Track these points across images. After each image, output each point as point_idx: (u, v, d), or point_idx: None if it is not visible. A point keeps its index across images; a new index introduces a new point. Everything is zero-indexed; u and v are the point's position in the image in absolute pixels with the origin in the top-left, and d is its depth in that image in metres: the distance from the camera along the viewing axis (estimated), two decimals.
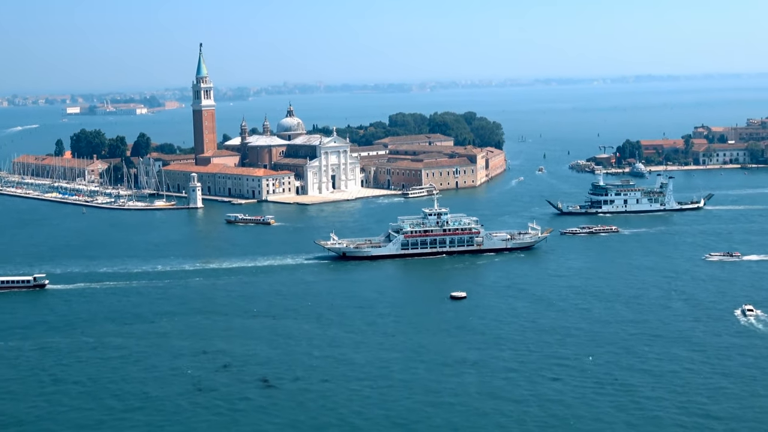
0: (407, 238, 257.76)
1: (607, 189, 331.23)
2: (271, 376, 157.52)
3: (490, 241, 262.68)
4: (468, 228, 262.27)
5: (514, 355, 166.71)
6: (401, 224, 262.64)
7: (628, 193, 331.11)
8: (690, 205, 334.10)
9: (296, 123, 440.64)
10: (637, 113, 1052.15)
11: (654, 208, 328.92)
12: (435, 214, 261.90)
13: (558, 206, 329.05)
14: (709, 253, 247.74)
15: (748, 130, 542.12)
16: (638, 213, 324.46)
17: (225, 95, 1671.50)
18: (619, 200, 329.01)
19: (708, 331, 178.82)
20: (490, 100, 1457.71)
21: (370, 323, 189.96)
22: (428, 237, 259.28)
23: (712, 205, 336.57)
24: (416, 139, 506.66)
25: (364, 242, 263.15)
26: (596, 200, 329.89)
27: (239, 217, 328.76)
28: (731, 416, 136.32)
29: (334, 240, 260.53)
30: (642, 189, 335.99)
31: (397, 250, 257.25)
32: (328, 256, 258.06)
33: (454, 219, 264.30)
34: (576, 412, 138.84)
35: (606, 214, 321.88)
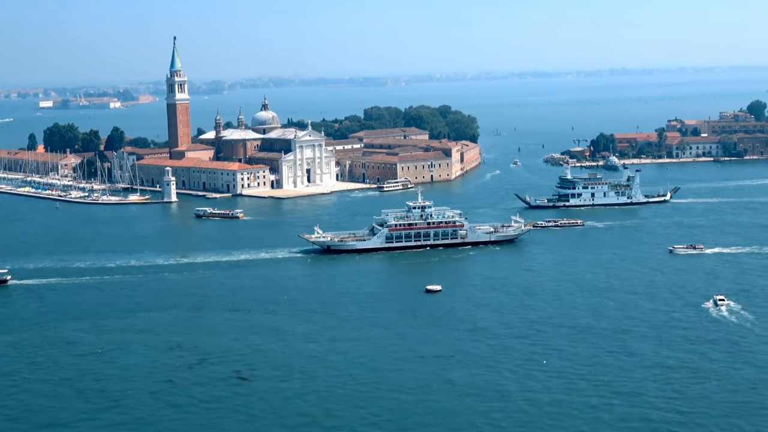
0: (391, 232, 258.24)
1: (574, 182, 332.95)
2: (246, 371, 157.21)
3: (473, 234, 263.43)
4: (452, 221, 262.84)
5: (486, 349, 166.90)
6: (385, 217, 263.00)
7: (595, 187, 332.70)
8: (656, 198, 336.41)
9: (271, 117, 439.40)
10: (611, 107, 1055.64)
11: (621, 201, 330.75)
12: (419, 207, 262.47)
13: (526, 200, 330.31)
14: (673, 246, 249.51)
15: (720, 124, 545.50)
16: (605, 206, 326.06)
17: (199, 89, 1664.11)
18: (587, 193, 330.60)
19: (682, 322, 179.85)
20: (465, 93, 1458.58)
21: (345, 317, 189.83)
22: (412, 230, 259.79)
23: (678, 198, 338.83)
24: (391, 132, 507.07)
25: (349, 236, 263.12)
26: (564, 194, 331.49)
27: (208, 212, 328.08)
28: (703, 412, 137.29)
29: (318, 233, 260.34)
30: (609, 182, 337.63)
31: (382, 243, 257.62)
32: (312, 250, 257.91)
33: (438, 212, 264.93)
34: (559, 398, 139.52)
35: (574, 207, 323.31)
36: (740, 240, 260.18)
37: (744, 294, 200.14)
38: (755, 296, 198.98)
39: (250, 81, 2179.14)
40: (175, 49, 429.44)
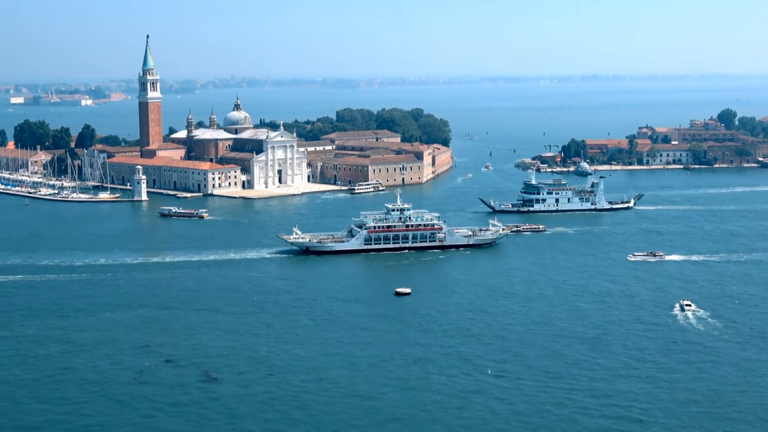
0: (370, 234, 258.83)
1: (539, 188, 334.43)
2: (214, 371, 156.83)
3: (452, 237, 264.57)
4: (430, 224, 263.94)
5: (450, 352, 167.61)
6: (364, 219, 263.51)
7: (559, 192, 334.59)
8: (620, 204, 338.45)
9: (243, 117, 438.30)
10: (583, 113, 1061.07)
11: (585, 208, 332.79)
12: (398, 209, 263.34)
13: (491, 204, 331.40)
14: (633, 253, 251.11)
15: (691, 131, 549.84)
16: (569, 212, 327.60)
17: (172, 88, 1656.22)
18: (551, 199, 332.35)
19: (650, 328, 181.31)
20: (438, 97, 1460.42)
21: (314, 319, 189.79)
22: (391, 232, 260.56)
23: (642, 205, 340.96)
24: (363, 134, 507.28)
25: (327, 237, 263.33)
26: (528, 199, 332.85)
27: (173, 211, 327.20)
28: (667, 415, 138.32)
29: (297, 234, 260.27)
30: (573, 188, 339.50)
31: (360, 245, 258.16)
32: (290, 251, 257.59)
33: (417, 215, 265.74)
34: (516, 408, 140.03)
35: (538, 212, 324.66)
36: (700, 248, 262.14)
37: (708, 300, 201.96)
38: (719, 302, 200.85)
39: (223, 81, 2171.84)
40: (148, 48, 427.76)
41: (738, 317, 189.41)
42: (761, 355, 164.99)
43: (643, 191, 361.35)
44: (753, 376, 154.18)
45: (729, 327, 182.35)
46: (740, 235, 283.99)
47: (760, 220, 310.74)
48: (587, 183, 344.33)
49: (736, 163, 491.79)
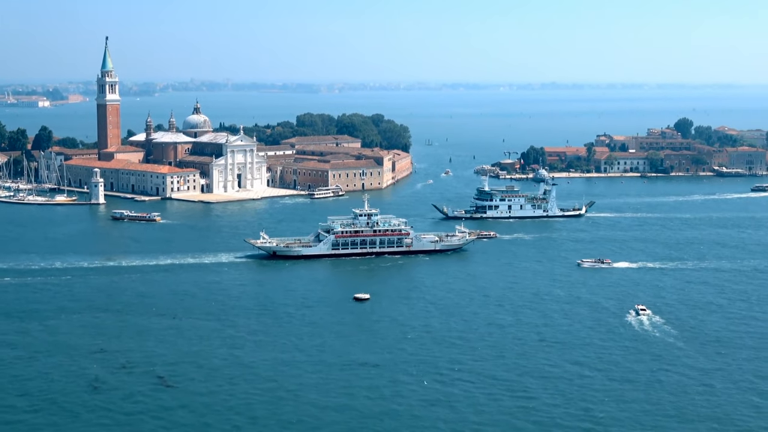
0: (338, 238, 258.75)
1: (491, 194, 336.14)
2: (170, 376, 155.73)
3: (419, 242, 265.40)
4: (398, 229, 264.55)
5: (407, 357, 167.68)
6: (331, 224, 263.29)
7: (512, 199, 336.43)
8: (572, 211, 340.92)
9: (203, 120, 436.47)
10: (542, 120, 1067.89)
11: (537, 214, 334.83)
12: (365, 214, 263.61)
13: (444, 211, 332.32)
14: (582, 260, 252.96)
15: (648, 140, 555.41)
16: (522, 218, 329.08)
17: (130, 90, 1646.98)
18: (504, 206, 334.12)
19: (609, 331, 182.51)
20: (398, 102, 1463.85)
21: (272, 324, 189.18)
22: (358, 237, 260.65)
23: (593, 212, 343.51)
24: (323, 139, 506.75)
25: (294, 242, 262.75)
26: (481, 205, 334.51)
27: (125, 214, 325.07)
28: (631, 419, 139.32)
29: (264, 239, 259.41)
30: (526, 195, 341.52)
31: (328, 249, 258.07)
32: (257, 255, 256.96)
33: (384, 220, 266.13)
34: (467, 417, 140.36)
35: (491, 219, 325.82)
36: (649, 255, 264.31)
37: (659, 306, 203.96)
38: (671, 308, 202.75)
39: (182, 84, 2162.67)
40: (106, 50, 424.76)
41: (692, 322, 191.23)
42: (717, 360, 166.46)
43: (600, 198, 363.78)
44: (709, 381, 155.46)
45: (685, 332, 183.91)
46: (692, 242, 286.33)
47: (713, 228, 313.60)
48: (539, 190, 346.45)
49: (693, 172, 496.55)
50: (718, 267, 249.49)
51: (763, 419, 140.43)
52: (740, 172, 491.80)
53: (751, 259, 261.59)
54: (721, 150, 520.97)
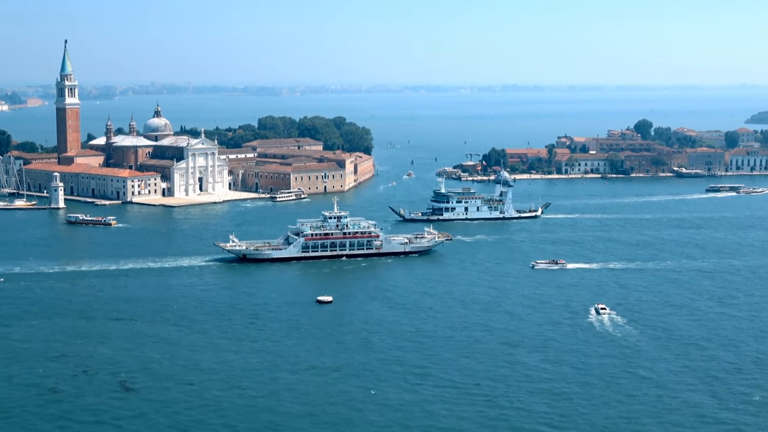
0: (308, 241, 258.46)
1: (448, 196, 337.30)
2: (131, 381, 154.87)
3: (389, 244, 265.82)
4: (367, 231, 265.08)
5: (369, 360, 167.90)
6: (301, 227, 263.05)
7: (468, 201, 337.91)
8: (528, 213, 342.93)
9: (163, 124, 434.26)
10: (503, 122, 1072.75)
11: (494, 216, 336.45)
12: (335, 217, 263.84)
13: (401, 213, 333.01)
14: (536, 261, 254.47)
15: (608, 141, 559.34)
16: (478, 220, 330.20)
17: (90, 94, 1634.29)
18: (460, 208, 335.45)
19: (571, 331, 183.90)
20: (360, 105, 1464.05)
21: (233, 327, 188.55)
22: (328, 240, 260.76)
23: (549, 213, 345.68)
24: (285, 142, 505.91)
25: (264, 244, 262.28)
26: (438, 207, 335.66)
27: (80, 218, 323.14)
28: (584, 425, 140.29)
29: (234, 242, 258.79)
30: (482, 197, 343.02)
31: (298, 252, 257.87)
32: (227, 258, 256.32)
33: (354, 222, 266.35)
34: (432, 416, 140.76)
35: (447, 221, 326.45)
36: (602, 256, 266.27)
37: (618, 305, 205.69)
38: (629, 307, 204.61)
39: (143, 87, 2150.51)
40: (66, 53, 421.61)
41: (653, 321, 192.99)
42: (677, 359, 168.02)
43: (561, 200, 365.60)
44: (670, 381, 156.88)
45: (645, 332, 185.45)
46: (649, 243, 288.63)
47: (670, 228, 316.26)
48: (496, 192, 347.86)
49: (652, 173, 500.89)
50: (674, 267, 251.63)
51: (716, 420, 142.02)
52: (699, 172, 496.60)
53: (709, 258, 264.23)
54: (680, 151, 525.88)
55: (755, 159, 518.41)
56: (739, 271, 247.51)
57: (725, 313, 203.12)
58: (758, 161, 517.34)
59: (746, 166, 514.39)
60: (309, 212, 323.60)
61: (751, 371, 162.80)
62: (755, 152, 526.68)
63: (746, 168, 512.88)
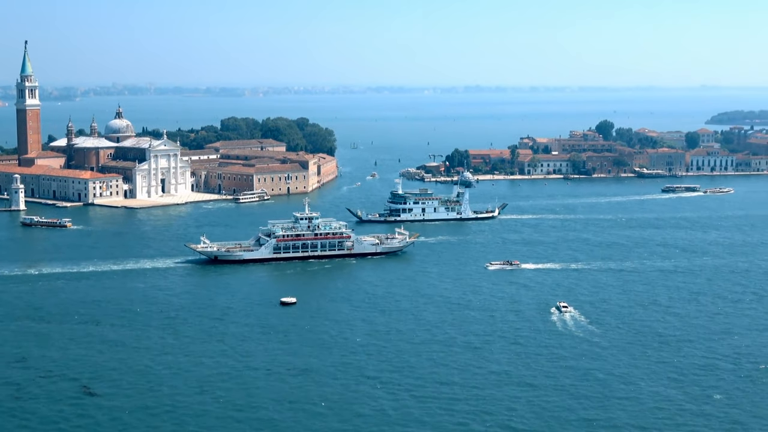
0: (279, 242, 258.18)
1: (405, 198, 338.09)
2: (93, 385, 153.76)
3: (360, 245, 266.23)
4: (339, 232, 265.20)
5: (328, 362, 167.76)
6: (272, 228, 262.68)
7: (426, 202, 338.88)
8: (485, 214, 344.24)
9: (125, 125, 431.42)
10: (466, 123, 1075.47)
11: (451, 217, 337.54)
12: (306, 218, 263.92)
13: (358, 214, 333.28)
14: (490, 262, 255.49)
15: (570, 142, 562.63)
16: (436, 221, 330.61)
17: (51, 95, 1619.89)
18: (417, 209, 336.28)
19: (534, 330, 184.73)
20: (323, 106, 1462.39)
21: (197, 330, 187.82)
22: (300, 241, 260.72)
23: (505, 214, 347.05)
24: (248, 143, 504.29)
25: (235, 246, 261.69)
26: (395, 209, 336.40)
27: (35, 220, 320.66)
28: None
29: (205, 243, 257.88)
30: (439, 198, 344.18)
31: (270, 253, 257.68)
32: (199, 260, 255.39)
33: (325, 223, 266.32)
34: (395, 419, 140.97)
35: (404, 222, 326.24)
36: (558, 256, 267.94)
37: (579, 304, 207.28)
38: (590, 306, 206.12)
39: (104, 88, 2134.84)
40: (26, 54, 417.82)
41: (613, 319, 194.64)
42: (640, 357, 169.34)
43: (523, 200, 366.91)
44: (634, 378, 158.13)
45: (607, 329, 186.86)
46: (605, 243, 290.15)
47: (626, 229, 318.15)
48: (453, 193, 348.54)
49: (614, 173, 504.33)
50: (635, 267, 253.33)
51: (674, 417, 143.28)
52: (660, 173, 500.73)
53: (671, 258, 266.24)
54: (641, 151, 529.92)
55: (715, 159, 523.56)
56: (702, 270, 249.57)
57: (687, 311, 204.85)
58: (718, 161, 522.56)
59: (707, 166, 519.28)
60: (273, 213, 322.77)
61: (711, 369, 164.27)
62: (715, 153, 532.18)
63: (707, 168, 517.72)
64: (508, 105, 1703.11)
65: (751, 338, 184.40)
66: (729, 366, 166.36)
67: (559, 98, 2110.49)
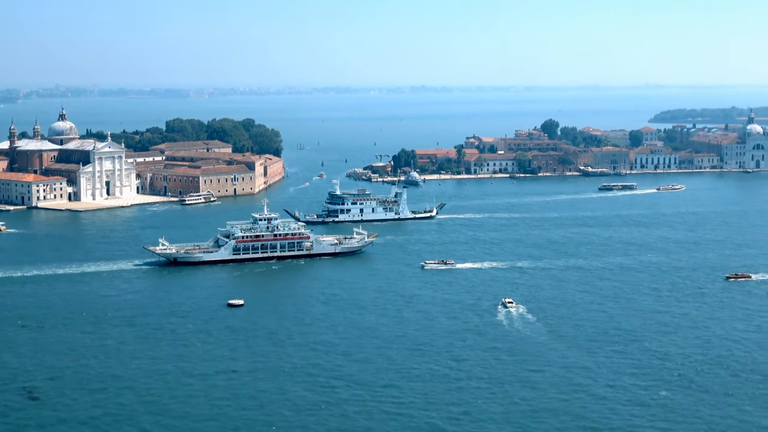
0: (239, 243, 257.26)
1: (343, 198, 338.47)
2: (36, 390, 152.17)
3: (319, 245, 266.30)
4: (298, 233, 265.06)
5: (268, 363, 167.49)
6: (231, 229, 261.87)
7: (364, 203, 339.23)
8: (423, 214, 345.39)
9: (69, 127, 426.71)
10: (413, 123, 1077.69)
11: (389, 217, 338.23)
12: (265, 219, 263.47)
13: (295, 216, 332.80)
14: (426, 261, 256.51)
15: (516, 141, 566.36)
16: (374, 222, 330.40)
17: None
18: (356, 209, 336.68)
19: (481, 327, 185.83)
20: (269, 107, 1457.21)
21: (143, 333, 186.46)
22: (259, 242, 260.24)
23: (444, 214, 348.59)
24: (194, 145, 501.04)
25: (194, 247, 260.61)
26: (333, 209, 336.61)
27: None
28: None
29: (164, 245, 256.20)
30: (377, 198, 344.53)
31: (229, 255, 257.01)
32: (157, 262, 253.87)
33: (284, 224, 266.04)
34: (343, 420, 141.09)
35: (343, 222, 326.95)
36: (489, 255, 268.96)
37: (524, 302, 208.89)
38: (535, 302, 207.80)
39: (47, 90, 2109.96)
40: None
41: (557, 315, 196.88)
42: (584, 353, 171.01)
43: (469, 200, 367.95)
44: (580, 375, 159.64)
45: (552, 326, 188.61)
46: (552, 242, 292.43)
47: (562, 228, 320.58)
48: (391, 193, 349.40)
49: (559, 172, 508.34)
50: (554, 265, 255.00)
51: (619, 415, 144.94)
52: (605, 171, 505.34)
53: (616, 255, 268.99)
54: (586, 150, 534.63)
55: (659, 157, 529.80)
56: (648, 267, 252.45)
57: (633, 308, 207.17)
58: (662, 159, 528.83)
59: (650, 164, 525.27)
60: (219, 215, 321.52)
61: (654, 366, 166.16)
62: (659, 151, 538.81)
63: (650, 166, 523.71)
64: (454, 105, 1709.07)
65: (694, 333, 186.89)
66: (673, 362, 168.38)
67: (504, 98, 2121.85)
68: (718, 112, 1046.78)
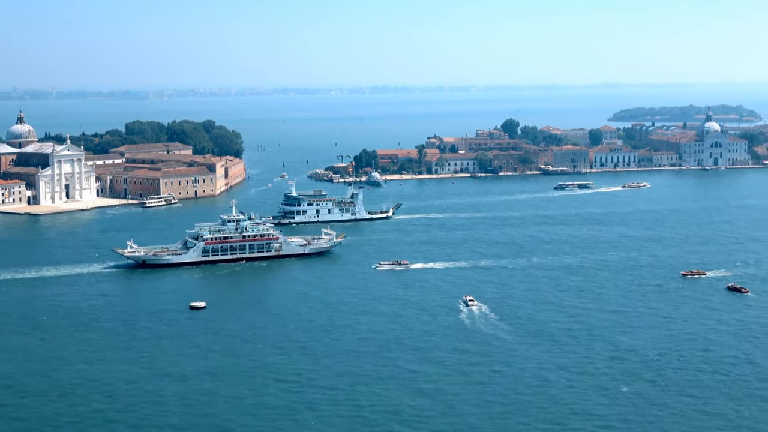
0: (208, 245, 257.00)
1: (299, 199, 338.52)
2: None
3: (288, 246, 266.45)
4: (267, 234, 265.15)
5: (227, 367, 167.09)
6: (199, 231, 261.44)
7: (320, 204, 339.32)
8: (380, 214, 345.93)
9: (27, 130, 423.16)
10: (374, 124, 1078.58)
11: (345, 218, 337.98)
12: (233, 220, 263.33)
13: (251, 217, 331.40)
14: (379, 262, 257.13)
15: (477, 141, 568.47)
16: (330, 222, 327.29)
17: None
18: (312, 210, 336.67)
19: (446, 326, 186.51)
20: (229, 108, 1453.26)
21: (104, 336, 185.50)
22: (228, 243, 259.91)
23: (400, 214, 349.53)
24: (154, 147, 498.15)
25: (162, 249, 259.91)
26: (289, 210, 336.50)
27: None
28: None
29: (132, 248, 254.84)
30: (333, 199, 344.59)
31: (198, 256, 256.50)
32: (126, 264, 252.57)
33: (253, 225, 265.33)
34: (304, 426, 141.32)
35: (299, 224, 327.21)
36: (446, 255, 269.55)
37: (485, 300, 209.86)
38: (496, 301, 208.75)
39: (4, 93, 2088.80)
40: None
41: (517, 313, 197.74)
42: (545, 352, 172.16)
43: (430, 200, 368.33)
44: (541, 373, 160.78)
45: (513, 323, 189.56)
46: (510, 241, 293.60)
47: (512, 227, 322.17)
48: (347, 194, 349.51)
49: (520, 171, 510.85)
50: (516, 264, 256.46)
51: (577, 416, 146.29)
52: (565, 170, 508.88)
53: (576, 254, 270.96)
54: (546, 149, 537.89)
55: (618, 156, 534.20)
56: (608, 265, 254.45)
57: (590, 305, 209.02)
58: (621, 158, 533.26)
59: (610, 162, 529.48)
60: (181, 217, 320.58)
61: (615, 365, 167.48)
62: (618, 149, 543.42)
63: (610, 165, 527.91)
64: (415, 105, 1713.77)
65: (655, 331, 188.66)
66: (634, 359, 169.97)
67: (465, 97, 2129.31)
68: (676, 111, 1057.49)
